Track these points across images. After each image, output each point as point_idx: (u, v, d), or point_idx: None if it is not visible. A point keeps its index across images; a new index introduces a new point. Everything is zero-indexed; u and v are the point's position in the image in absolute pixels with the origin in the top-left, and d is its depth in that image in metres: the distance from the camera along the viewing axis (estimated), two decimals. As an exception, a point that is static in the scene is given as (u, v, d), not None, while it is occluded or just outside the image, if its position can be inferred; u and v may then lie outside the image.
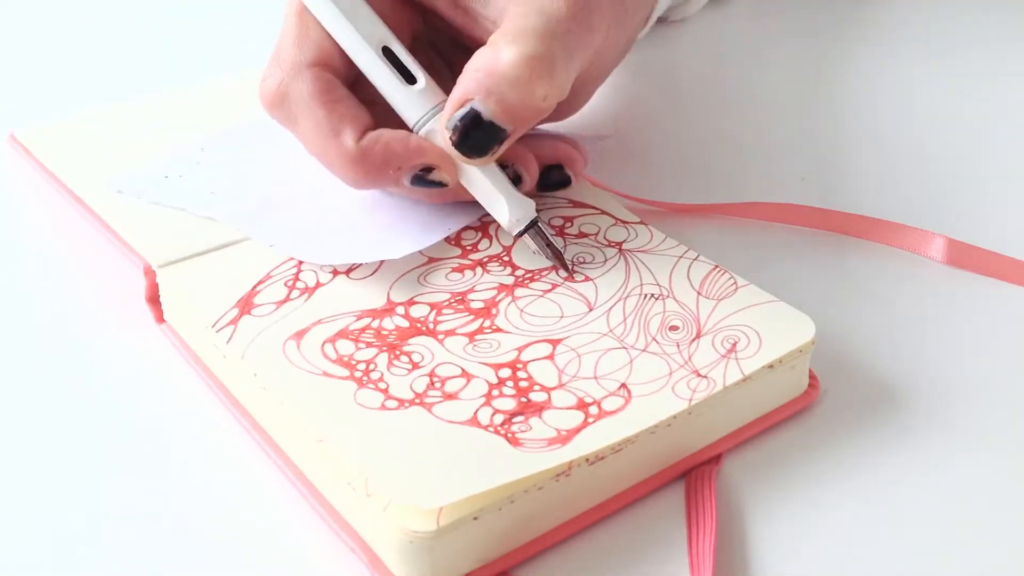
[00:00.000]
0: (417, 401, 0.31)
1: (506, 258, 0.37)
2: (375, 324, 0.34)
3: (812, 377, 0.35)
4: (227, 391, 0.34)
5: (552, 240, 0.36)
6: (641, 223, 0.39)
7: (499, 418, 0.30)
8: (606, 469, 0.30)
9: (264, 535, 0.30)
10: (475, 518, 0.28)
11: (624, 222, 0.39)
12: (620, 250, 0.37)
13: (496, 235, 0.38)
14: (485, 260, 0.37)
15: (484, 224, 0.39)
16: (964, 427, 0.34)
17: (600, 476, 0.30)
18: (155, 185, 0.41)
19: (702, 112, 0.51)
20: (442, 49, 0.41)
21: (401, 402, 0.31)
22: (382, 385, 0.31)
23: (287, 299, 0.35)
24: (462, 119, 0.35)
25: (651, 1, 0.45)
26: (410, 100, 0.37)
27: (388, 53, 0.37)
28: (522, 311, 0.35)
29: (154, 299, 0.37)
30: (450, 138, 0.35)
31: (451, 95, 0.36)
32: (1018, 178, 0.47)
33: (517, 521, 0.29)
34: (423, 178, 0.36)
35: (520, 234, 0.36)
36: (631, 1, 0.41)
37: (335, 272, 0.36)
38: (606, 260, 0.37)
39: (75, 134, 0.44)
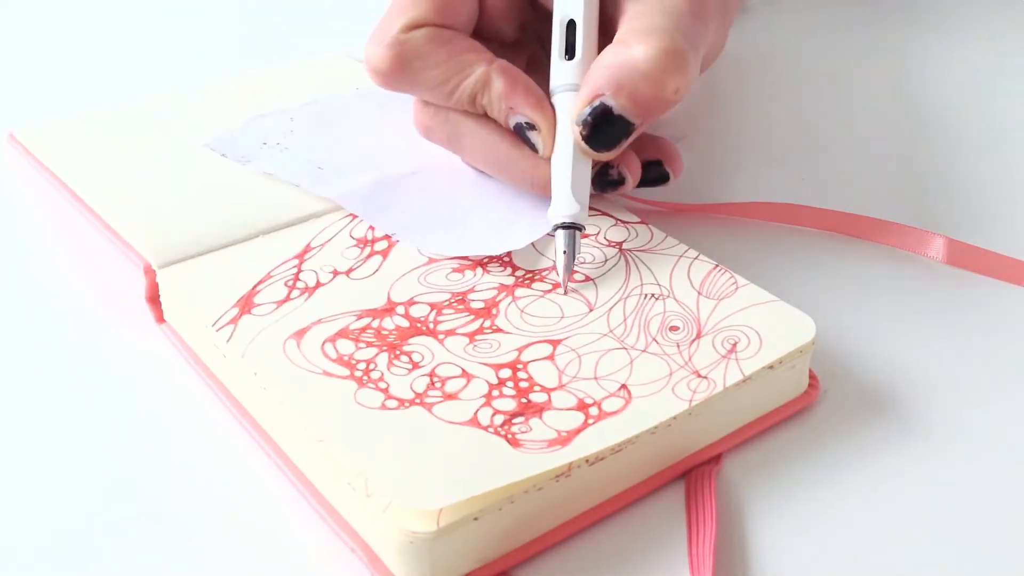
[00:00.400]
0: (417, 401, 0.31)
1: (506, 258, 0.37)
2: (375, 324, 0.34)
3: (812, 377, 0.35)
4: (227, 391, 0.34)
5: (575, 253, 0.36)
6: (641, 223, 0.39)
7: (499, 419, 0.30)
8: (606, 469, 0.30)
9: (264, 535, 0.30)
10: (475, 518, 0.28)
11: (624, 222, 0.39)
12: (620, 250, 0.37)
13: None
14: (485, 260, 0.37)
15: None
16: (964, 427, 0.34)
17: (600, 476, 0.30)
18: (257, 151, 0.41)
19: (701, 112, 0.51)
20: (545, 42, 0.41)
21: (401, 402, 0.31)
22: (382, 385, 0.31)
23: (287, 299, 0.35)
24: (592, 113, 0.36)
25: None
26: (559, 69, 0.38)
27: (570, 25, 0.38)
28: (522, 311, 0.35)
29: (154, 299, 0.37)
30: (580, 133, 0.36)
31: (580, 92, 0.36)
32: (1018, 178, 0.47)
33: (517, 521, 0.29)
34: (524, 130, 0.37)
35: (557, 227, 0.36)
36: None
37: (335, 272, 0.36)
38: (606, 260, 0.37)
39: (75, 134, 0.44)
